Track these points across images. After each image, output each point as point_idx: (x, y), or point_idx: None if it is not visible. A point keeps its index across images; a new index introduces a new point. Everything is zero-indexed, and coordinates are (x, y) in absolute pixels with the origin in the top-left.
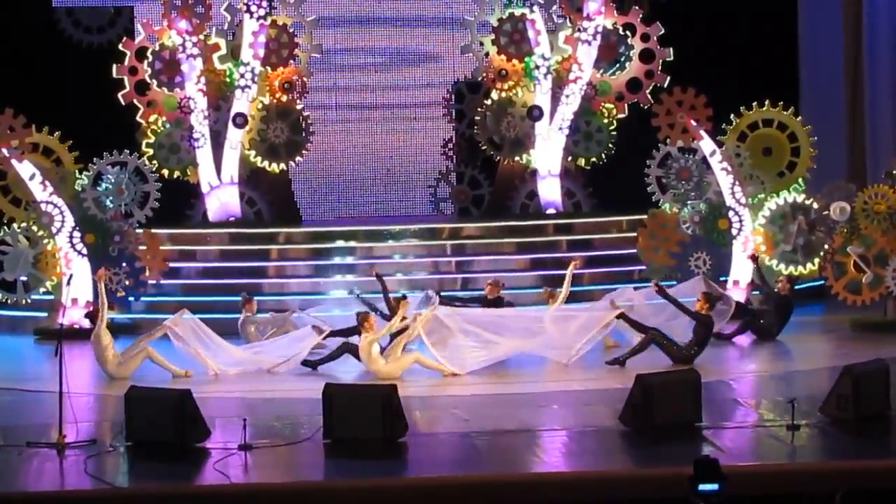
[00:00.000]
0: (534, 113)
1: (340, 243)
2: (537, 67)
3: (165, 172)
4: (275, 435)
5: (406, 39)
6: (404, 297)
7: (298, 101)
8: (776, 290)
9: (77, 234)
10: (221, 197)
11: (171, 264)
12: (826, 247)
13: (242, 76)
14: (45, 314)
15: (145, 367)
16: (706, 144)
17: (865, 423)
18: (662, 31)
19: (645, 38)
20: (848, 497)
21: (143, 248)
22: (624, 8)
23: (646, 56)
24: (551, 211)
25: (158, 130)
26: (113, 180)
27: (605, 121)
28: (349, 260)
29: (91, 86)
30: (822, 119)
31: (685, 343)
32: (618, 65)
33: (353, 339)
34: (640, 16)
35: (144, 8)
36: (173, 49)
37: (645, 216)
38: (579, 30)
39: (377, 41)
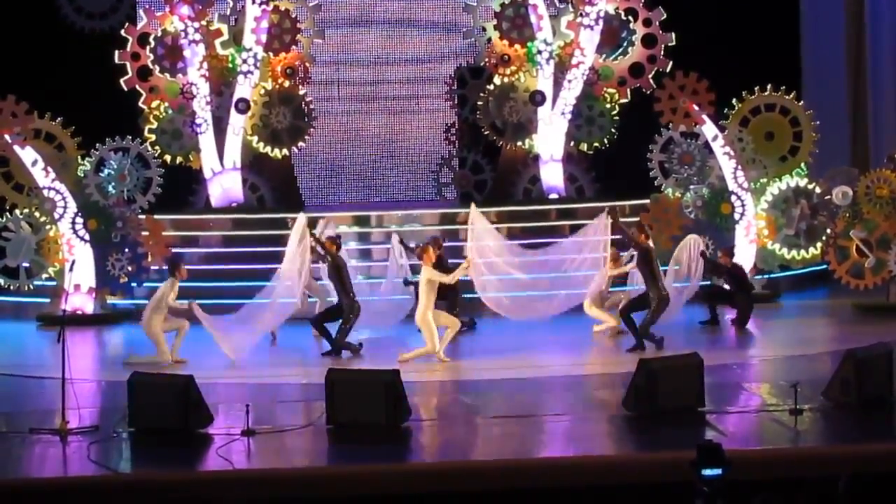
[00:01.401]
0: (536, 98)
1: (343, 228)
2: (539, 52)
3: (168, 158)
4: (277, 420)
5: (409, 25)
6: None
7: (301, 87)
8: (721, 263)
9: (79, 220)
10: (224, 182)
11: (174, 250)
12: (828, 231)
13: (245, 62)
14: (47, 300)
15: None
16: (708, 129)
17: (868, 407)
18: (664, 16)
19: (647, 22)
20: (851, 481)
21: (145, 233)
22: None
23: (648, 41)
24: (554, 196)
25: (161, 116)
26: (115, 166)
27: (608, 106)
28: (352, 245)
29: (93, 72)
30: (825, 103)
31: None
32: (620, 49)
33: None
34: (642, 0)
35: None
36: (176, 35)
37: (647, 201)
38: (581, 15)
39: (380, 26)
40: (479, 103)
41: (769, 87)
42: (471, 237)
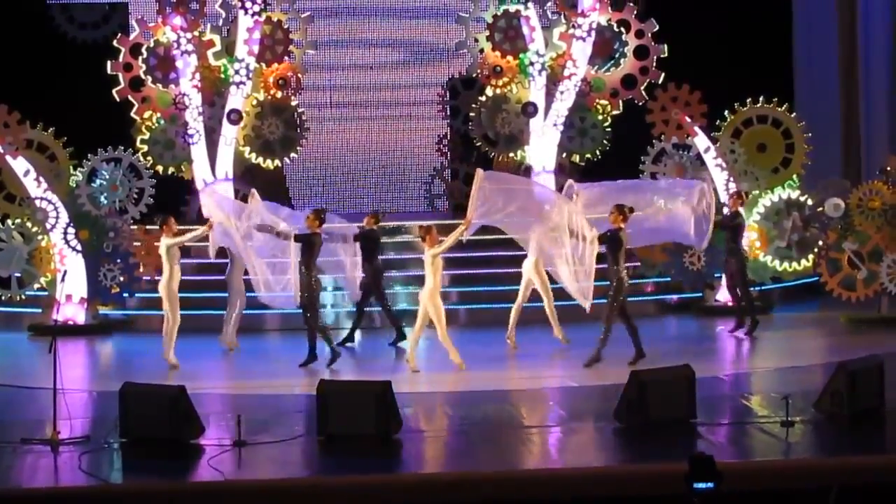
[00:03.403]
0: (528, 109)
1: None
2: (532, 64)
3: (160, 169)
4: (269, 431)
5: (401, 35)
6: None
7: (293, 98)
8: (726, 210)
9: (71, 230)
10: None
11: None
12: (820, 243)
13: (237, 72)
14: (39, 310)
15: (143, 365)
16: (701, 141)
17: (860, 420)
18: (657, 28)
19: (639, 34)
20: (842, 493)
21: (137, 244)
22: (618, 4)
23: (640, 52)
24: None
25: (153, 127)
26: (107, 176)
27: (600, 117)
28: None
29: (85, 82)
30: (817, 115)
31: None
32: (612, 61)
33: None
34: (635, 12)
35: (139, 4)
36: (168, 45)
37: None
38: (574, 26)
39: (372, 37)
40: (472, 114)
41: (761, 98)
42: (478, 199)
